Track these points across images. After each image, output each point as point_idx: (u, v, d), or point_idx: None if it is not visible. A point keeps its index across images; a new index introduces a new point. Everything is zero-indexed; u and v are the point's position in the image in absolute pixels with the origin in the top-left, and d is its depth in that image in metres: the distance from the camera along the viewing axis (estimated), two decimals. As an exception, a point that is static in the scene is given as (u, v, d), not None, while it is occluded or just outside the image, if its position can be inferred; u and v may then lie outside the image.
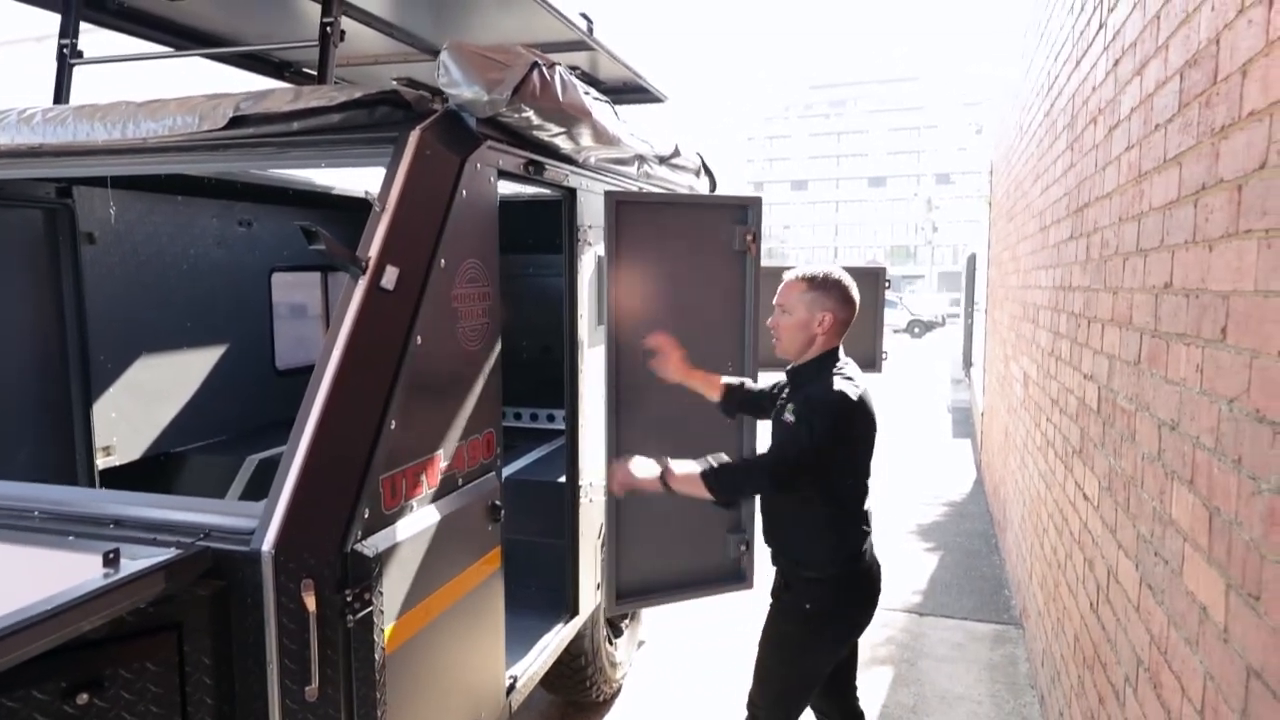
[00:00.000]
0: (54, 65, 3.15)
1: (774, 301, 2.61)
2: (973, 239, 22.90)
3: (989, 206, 9.30)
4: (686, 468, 2.45)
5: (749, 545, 3.44)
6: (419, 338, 2.13)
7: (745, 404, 2.94)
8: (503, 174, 2.61)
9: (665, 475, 2.45)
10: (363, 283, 2.07)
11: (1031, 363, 4.77)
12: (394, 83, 2.32)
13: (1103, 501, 2.65)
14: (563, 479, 3.52)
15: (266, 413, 4.77)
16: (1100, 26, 3.00)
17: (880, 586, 2.63)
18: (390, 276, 2.09)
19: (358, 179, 5.31)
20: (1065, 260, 3.65)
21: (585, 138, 2.95)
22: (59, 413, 3.70)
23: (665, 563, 3.36)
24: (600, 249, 3.37)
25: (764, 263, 3.50)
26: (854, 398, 2.40)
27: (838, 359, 2.55)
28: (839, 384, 2.41)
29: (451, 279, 2.29)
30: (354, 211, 5.46)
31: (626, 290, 3.19)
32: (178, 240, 4.19)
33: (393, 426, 2.02)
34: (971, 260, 16.78)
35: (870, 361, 5.31)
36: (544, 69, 2.52)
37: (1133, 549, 2.25)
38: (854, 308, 2.59)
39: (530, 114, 2.53)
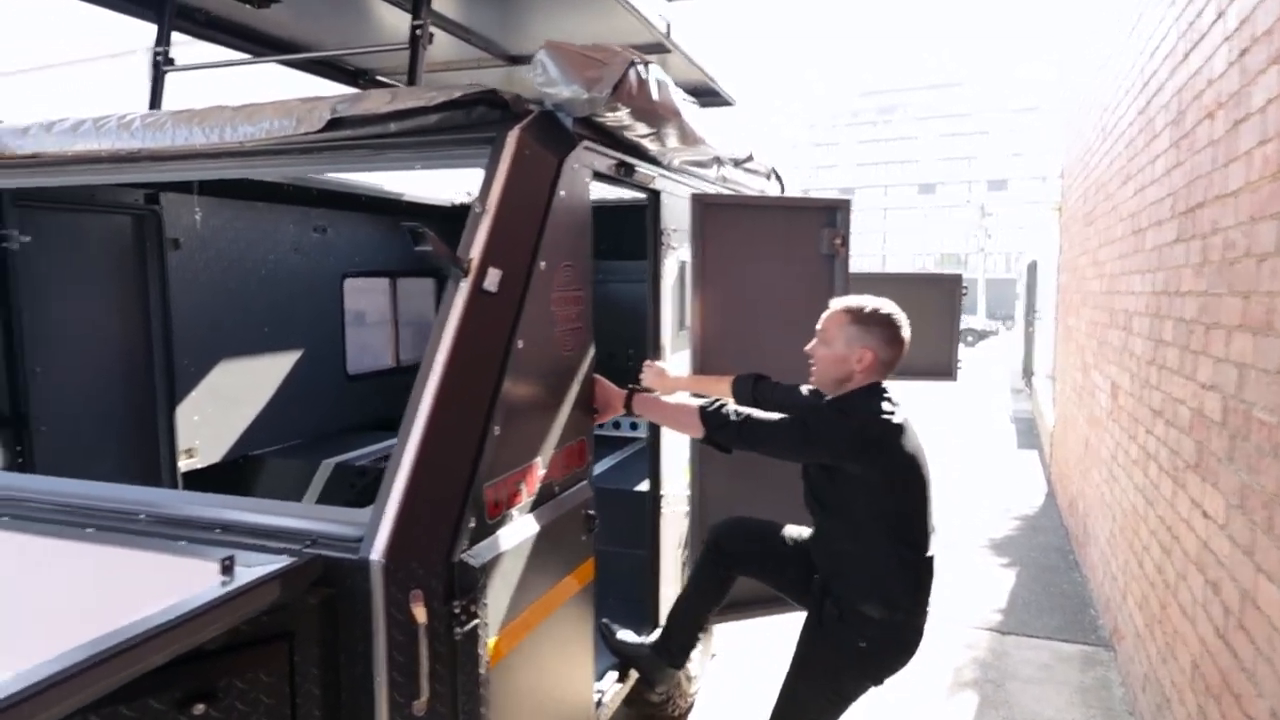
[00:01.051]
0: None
1: (816, 326, 2.48)
2: (1030, 246, 22.35)
3: (1058, 212, 9.03)
4: (679, 399, 2.45)
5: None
6: (520, 342, 2.08)
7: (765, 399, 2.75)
8: (596, 175, 2.55)
9: (630, 399, 2.57)
10: (465, 285, 2.02)
11: (1123, 372, 4.56)
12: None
13: (1232, 520, 2.48)
14: (642, 487, 3.44)
15: (338, 418, 4.79)
16: (1218, 16, 2.84)
17: (921, 634, 2.46)
18: (493, 279, 2.04)
19: (428, 187, 5.34)
20: (1170, 264, 3.47)
21: (673, 139, 2.88)
22: (144, 415, 3.75)
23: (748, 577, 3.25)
24: (683, 253, 3.29)
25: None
26: (894, 421, 2.29)
27: (882, 392, 2.38)
28: (878, 406, 2.32)
29: (550, 282, 2.24)
30: (424, 219, 5.49)
31: (711, 295, 3.11)
32: (257, 246, 4.23)
33: (496, 433, 1.96)
34: (1032, 268, 16.34)
35: (945, 369, 5.16)
36: (640, 68, 2.46)
37: (1278, 572, 2.08)
38: (901, 348, 2.40)
39: (624, 114, 2.48)
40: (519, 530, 2.08)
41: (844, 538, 2.40)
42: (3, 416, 3.13)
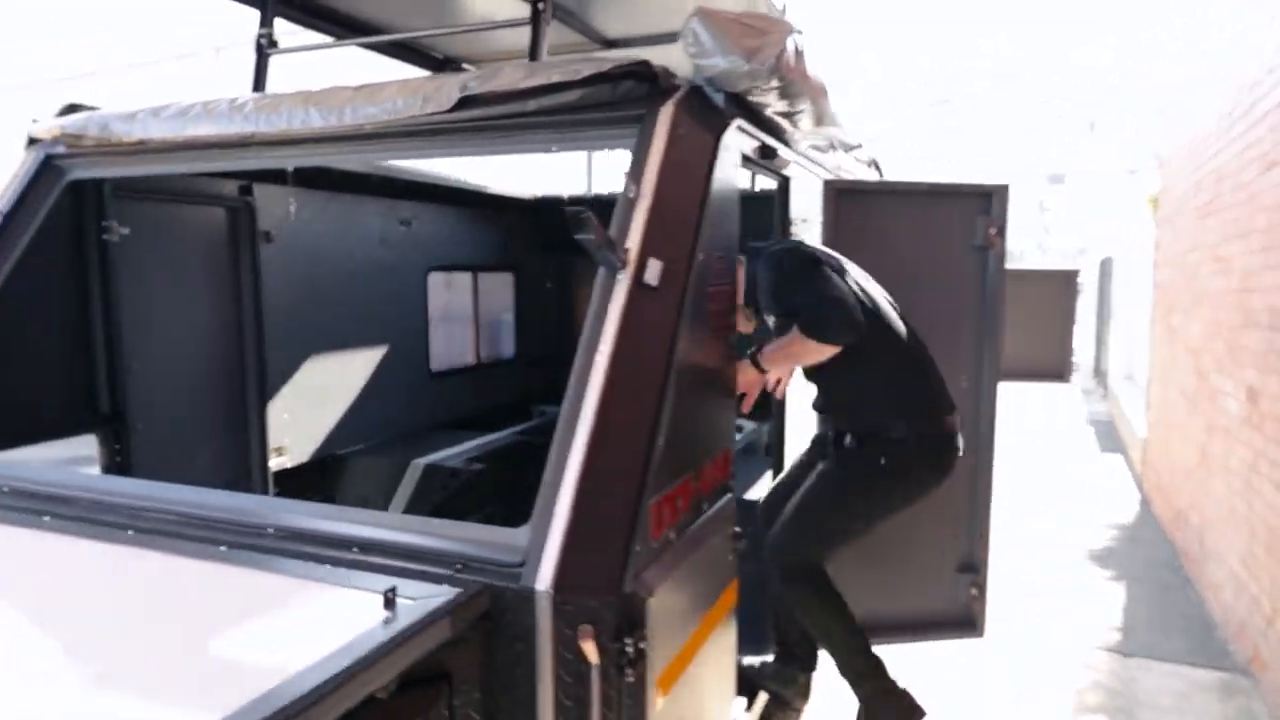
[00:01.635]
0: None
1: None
2: (1096, 241, 21.49)
3: (1153, 205, 8.53)
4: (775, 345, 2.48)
5: (981, 589, 3.04)
6: (682, 341, 1.86)
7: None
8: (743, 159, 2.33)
9: (757, 357, 2.49)
10: (625, 278, 1.80)
11: (1266, 375, 4.19)
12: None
13: None
14: (758, 496, 3.21)
15: (422, 415, 4.65)
16: None
17: (955, 457, 2.62)
18: (654, 271, 1.82)
19: (510, 181, 5.17)
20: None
21: (808, 119, 2.64)
22: (236, 412, 3.63)
23: (882, 601, 3.00)
24: (811, 243, 3.05)
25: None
26: (799, 243, 2.53)
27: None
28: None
29: (705, 275, 2.02)
30: (508, 213, 5.33)
31: (844, 291, 2.86)
32: (345, 239, 4.09)
33: (660, 444, 1.75)
34: (1106, 264, 15.65)
35: (1058, 371, 4.84)
36: (797, 38, 2.22)
37: None
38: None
39: (775, 90, 2.24)
40: (679, 552, 1.86)
41: (847, 381, 2.60)
42: (103, 414, 3.02)
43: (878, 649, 2.66)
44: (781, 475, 3.02)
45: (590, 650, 1.51)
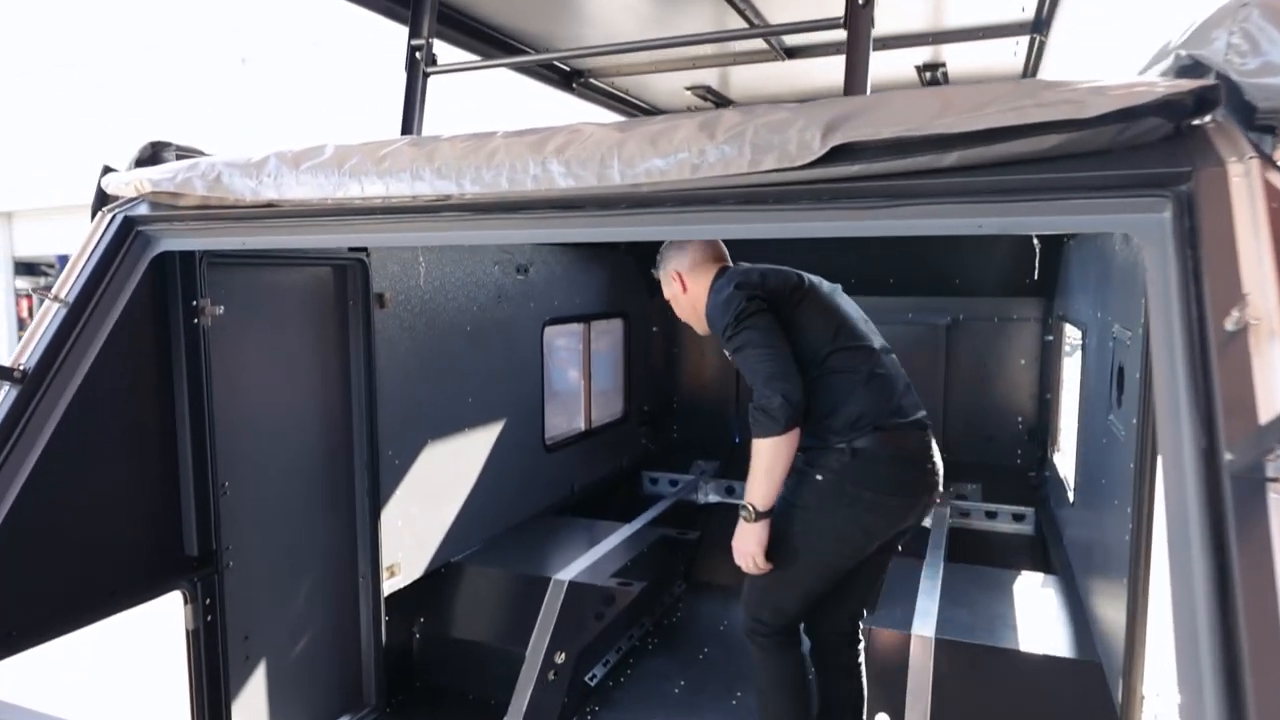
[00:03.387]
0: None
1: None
2: None
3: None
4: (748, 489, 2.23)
5: None
6: None
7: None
8: None
9: (748, 512, 2.23)
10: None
11: None
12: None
13: None
14: (1031, 647, 2.41)
15: (532, 500, 3.87)
16: None
17: (919, 480, 2.29)
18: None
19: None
20: None
21: None
22: (343, 530, 2.84)
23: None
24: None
25: None
26: (739, 280, 2.33)
27: (723, 277, 2.43)
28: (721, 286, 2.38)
29: None
30: (614, 252, 4.56)
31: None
32: (460, 295, 3.32)
33: None
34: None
35: None
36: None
37: None
38: (699, 244, 2.49)
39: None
40: None
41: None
42: (190, 558, 2.23)
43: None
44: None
45: None
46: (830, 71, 3.10)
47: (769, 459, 2.16)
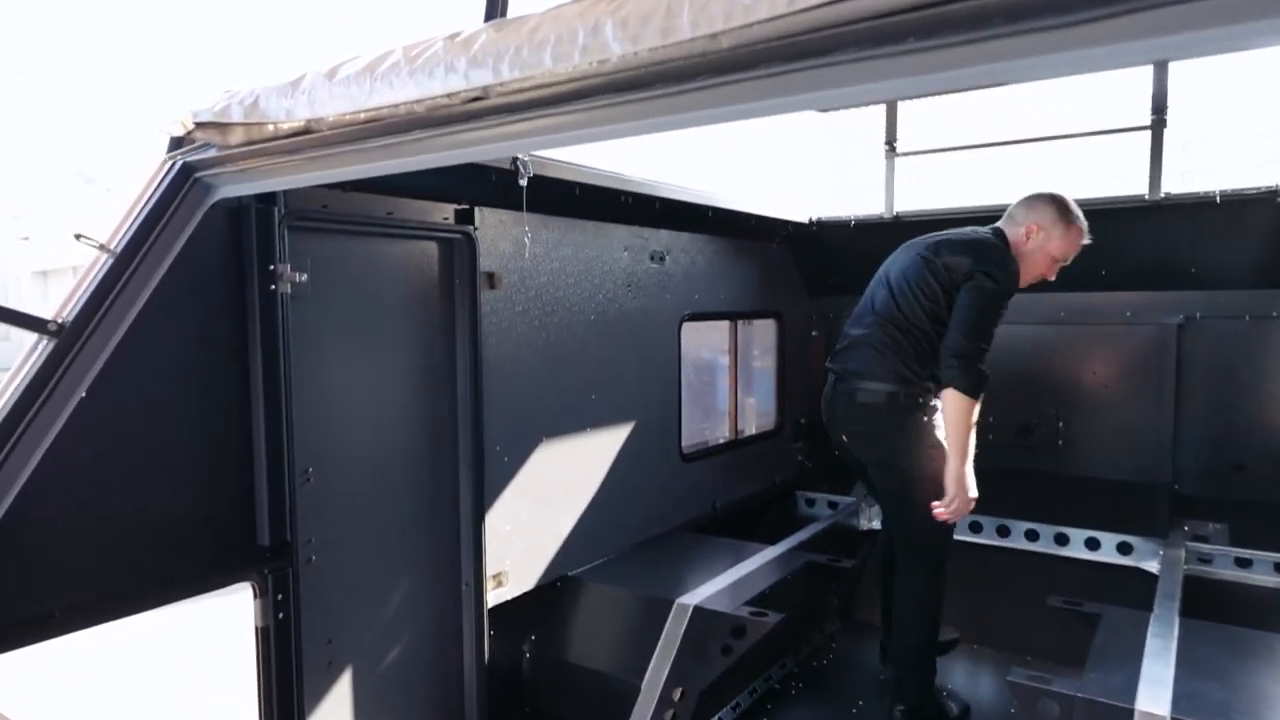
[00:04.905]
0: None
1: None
2: None
3: None
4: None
5: None
6: None
7: None
8: None
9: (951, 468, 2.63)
10: None
11: None
12: None
13: None
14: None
15: (666, 515, 3.46)
16: None
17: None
18: None
19: (779, 204, 3.92)
20: None
21: None
22: (443, 530, 2.58)
23: None
24: None
25: None
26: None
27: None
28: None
29: None
30: (775, 236, 4.11)
31: None
32: (585, 281, 3.01)
33: None
34: None
35: None
36: None
37: None
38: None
39: None
40: None
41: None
42: (262, 548, 2.04)
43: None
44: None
45: None
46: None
47: (966, 424, 2.61)
